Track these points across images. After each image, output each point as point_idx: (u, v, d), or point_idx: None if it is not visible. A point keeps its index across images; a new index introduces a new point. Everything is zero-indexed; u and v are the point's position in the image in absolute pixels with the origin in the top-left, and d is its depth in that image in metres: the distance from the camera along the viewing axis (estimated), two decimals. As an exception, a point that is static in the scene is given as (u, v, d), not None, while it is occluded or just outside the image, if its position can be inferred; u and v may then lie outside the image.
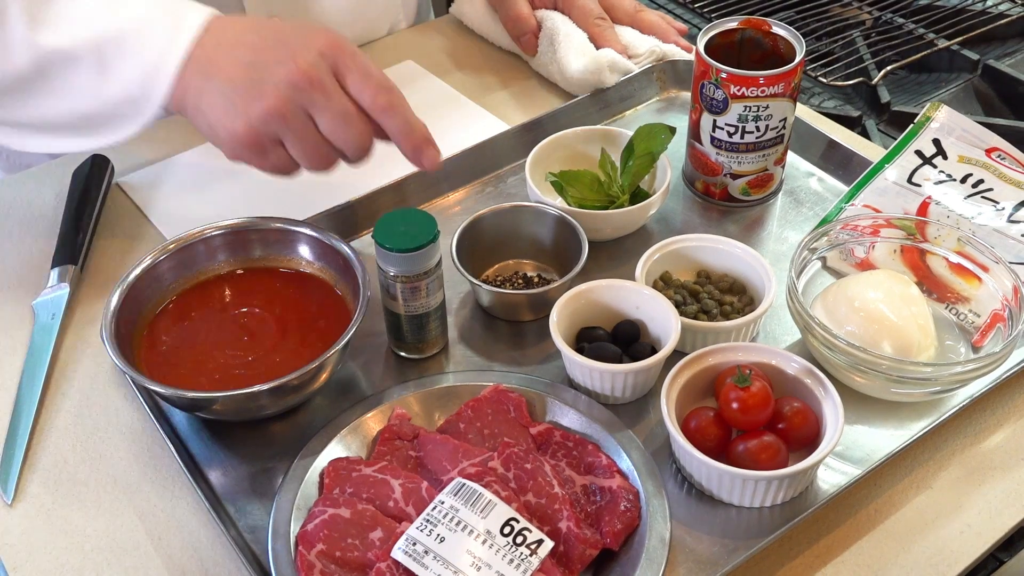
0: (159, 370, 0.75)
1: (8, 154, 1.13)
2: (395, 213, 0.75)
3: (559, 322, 0.77)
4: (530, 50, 1.10)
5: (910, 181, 0.88)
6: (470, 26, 1.18)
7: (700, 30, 0.90)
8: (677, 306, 0.79)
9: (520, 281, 0.85)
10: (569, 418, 0.74)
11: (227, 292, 0.81)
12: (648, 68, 1.07)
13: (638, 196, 0.90)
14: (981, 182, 0.87)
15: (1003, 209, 0.85)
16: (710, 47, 0.89)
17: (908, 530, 0.70)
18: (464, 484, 0.66)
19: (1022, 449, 0.75)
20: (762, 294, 0.80)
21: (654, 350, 0.76)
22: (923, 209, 0.86)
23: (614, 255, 0.89)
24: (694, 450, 0.68)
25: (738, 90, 0.86)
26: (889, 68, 1.18)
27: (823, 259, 0.85)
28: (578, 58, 1.04)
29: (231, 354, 0.77)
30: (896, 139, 0.92)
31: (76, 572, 0.69)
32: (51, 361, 0.82)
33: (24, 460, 0.75)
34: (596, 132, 0.95)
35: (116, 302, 0.76)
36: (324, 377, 0.75)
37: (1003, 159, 0.89)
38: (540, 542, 0.64)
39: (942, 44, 1.22)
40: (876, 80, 1.16)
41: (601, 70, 1.03)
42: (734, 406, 0.70)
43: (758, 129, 0.88)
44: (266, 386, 0.71)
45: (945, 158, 0.89)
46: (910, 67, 1.22)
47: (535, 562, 0.63)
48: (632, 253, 0.84)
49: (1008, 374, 0.77)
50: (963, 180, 0.88)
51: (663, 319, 0.77)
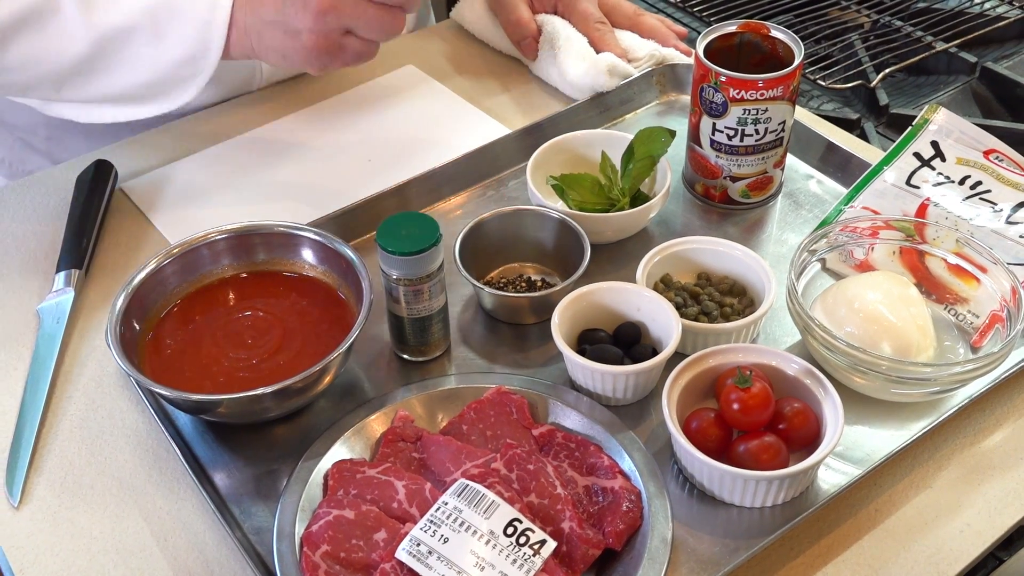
0: (164, 373, 0.76)
1: (11, 160, 1.14)
2: (398, 217, 0.76)
3: (561, 324, 0.77)
4: (530, 54, 1.10)
5: (909, 183, 0.89)
6: (471, 30, 1.18)
7: (699, 34, 0.91)
8: (678, 308, 0.79)
9: (523, 284, 0.86)
10: (571, 419, 0.74)
11: (231, 295, 0.82)
12: (648, 72, 1.07)
13: (638, 199, 0.91)
14: (979, 184, 0.88)
15: (1001, 210, 0.86)
16: (709, 51, 0.90)
17: (908, 529, 0.71)
18: (467, 485, 0.67)
19: (1021, 448, 0.75)
20: (762, 296, 0.81)
21: (655, 352, 0.77)
22: (922, 211, 0.87)
23: (615, 258, 0.89)
24: (695, 451, 0.69)
25: (737, 93, 0.87)
26: (887, 71, 1.18)
27: (822, 261, 0.85)
28: (578, 62, 1.04)
29: (235, 357, 0.77)
30: (895, 141, 0.92)
31: (82, 574, 0.69)
32: (56, 365, 0.82)
33: (30, 463, 0.76)
34: (596, 136, 0.96)
35: (121, 306, 0.76)
36: (328, 380, 0.76)
37: (1001, 161, 0.89)
38: (543, 542, 0.65)
39: (940, 47, 1.23)
40: (874, 83, 1.16)
41: (601, 74, 1.03)
42: (735, 407, 0.70)
43: (757, 132, 0.89)
44: (270, 389, 0.71)
45: (943, 160, 0.90)
46: (908, 70, 1.22)
47: (538, 562, 0.64)
48: (633, 256, 0.85)
49: (1007, 374, 0.77)
50: (961, 182, 0.88)
51: (664, 321, 0.78)
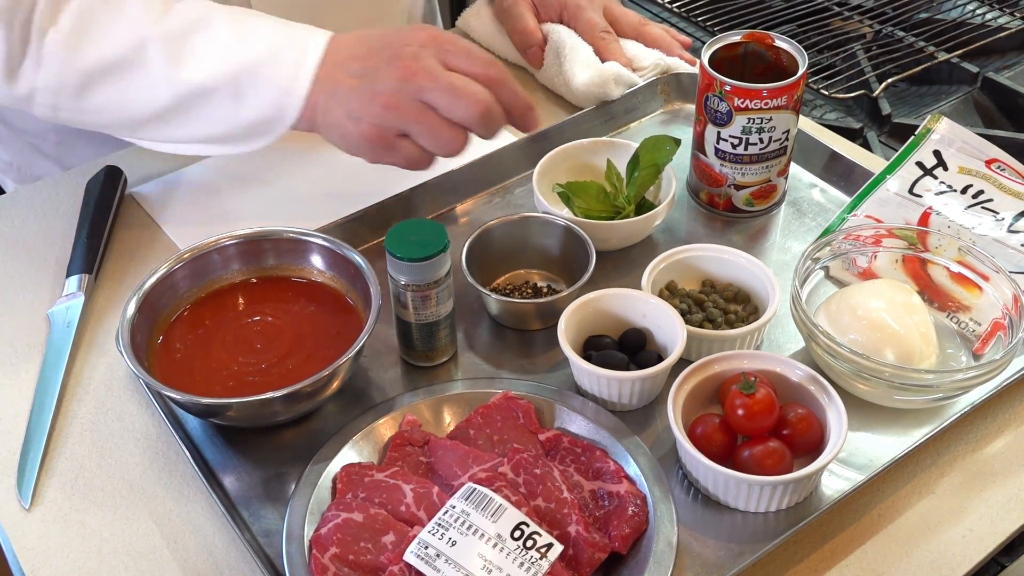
0: (174, 377, 0.76)
1: (20, 165, 1.15)
2: (406, 223, 0.77)
3: (567, 330, 0.78)
4: (536, 63, 1.11)
5: (911, 192, 0.89)
6: (476, 39, 1.19)
7: (704, 44, 0.92)
8: (683, 315, 0.80)
9: (529, 290, 0.86)
10: (577, 424, 0.75)
11: (241, 300, 0.83)
12: (653, 81, 1.08)
13: (644, 207, 0.92)
14: (981, 193, 0.89)
15: (1003, 219, 0.87)
16: (714, 60, 0.91)
17: (911, 534, 0.71)
18: (475, 489, 0.67)
19: (1023, 455, 0.76)
20: (766, 303, 0.81)
21: (660, 358, 0.77)
22: (924, 219, 0.87)
23: (620, 265, 0.90)
24: (700, 456, 0.69)
25: (742, 102, 0.88)
26: (890, 81, 1.19)
27: (826, 269, 0.86)
28: (583, 71, 1.05)
29: (245, 361, 0.78)
30: (897, 151, 0.93)
31: (93, 575, 0.70)
32: (67, 368, 0.83)
33: (41, 465, 0.76)
34: (602, 144, 0.97)
35: (132, 310, 0.77)
36: (336, 385, 0.76)
37: (1003, 170, 0.90)
38: (550, 546, 0.65)
39: (942, 57, 1.23)
40: (877, 92, 1.17)
41: (606, 83, 1.04)
42: (739, 412, 0.71)
43: (761, 141, 0.90)
44: (279, 393, 0.72)
45: (946, 169, 0.91)
46: (911, 80, 1.23)
47: (545, 565, 0.64)
48: (638, 263, 0.86)
49: (1009, 381, 0.78)
50: (963, 191, 0.89)
51: (669, 327, 0.78)
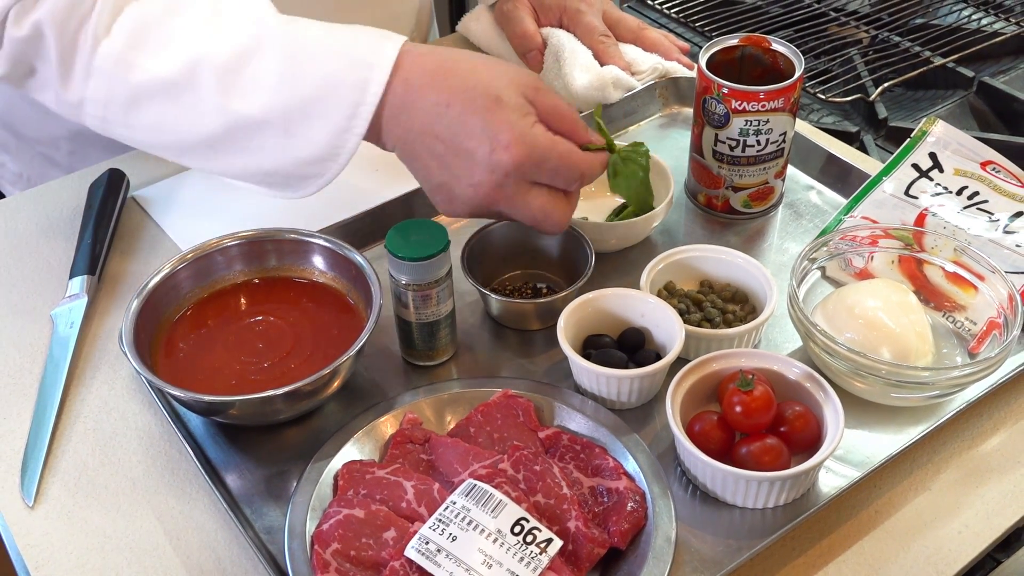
0: (176, 376, 0.77)
1: (29, 175, 1.15)
2: (407, 223, 0.78)
3: (566, 329, 0.79)
4: (536, 67, 1.12)
5: (907, 193, 0.90)
6: (476, 44, 1.20)
7: (701, 48, 0.93)
8: (681, 315, 0.80)
9: (528, 290, 0.87)
10: (576, 422, 0.76)
11: (243, 301, 0.83)
12: (651, 84, 1.09)
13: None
14: (976, 194, 0.89)
15: (998, 220, 0.87)
16: (712, 63, 0.92)
17: (907, 530, 0.72)
18: (475, 485, 0.68)
19: (1018, 452, 0.77)
20: (764, 303, 0.82)
21: (659, 357, 0.78)
22: (920, 220, 0.88)
23: (619, 266, 0.91)
24: (699, 452, 0.70)
25: (739, 105, 0.88)
26: (886, 85, 1.20)
27: (823, 269, 0.87)
28: (583, 74, 1.06)
29: (247, 361, 0.79)
30: (893, 154, 0.94)
31: (97, 572, 0.70)
32: (70, 368, 0.84)
33: (45, 464, 0.77)
34: (601, 146, 0.97)
35: (135, 309, 0.78)
36: (337, 383, 0.77)
37: (998, 172, 0.91)
38: (549, 541, 0.66)
39: (938, 62, 1.24)
40: (874, 96, 1.18)
41: (605, 86, 1.05)
42: (737, 409, 0.71)
43: (759, 143, 0.90)
44: (281, 391, 0.72)
45: (941, 171, 0.91)
46: (907, 84, 1.24)
47: (545, 560, 0.65)
48: (636, 264, 0.86)
49: (1004, 379, 0.79)
50: (959, 192, 0.90)
51: (668, 326, 0.79)
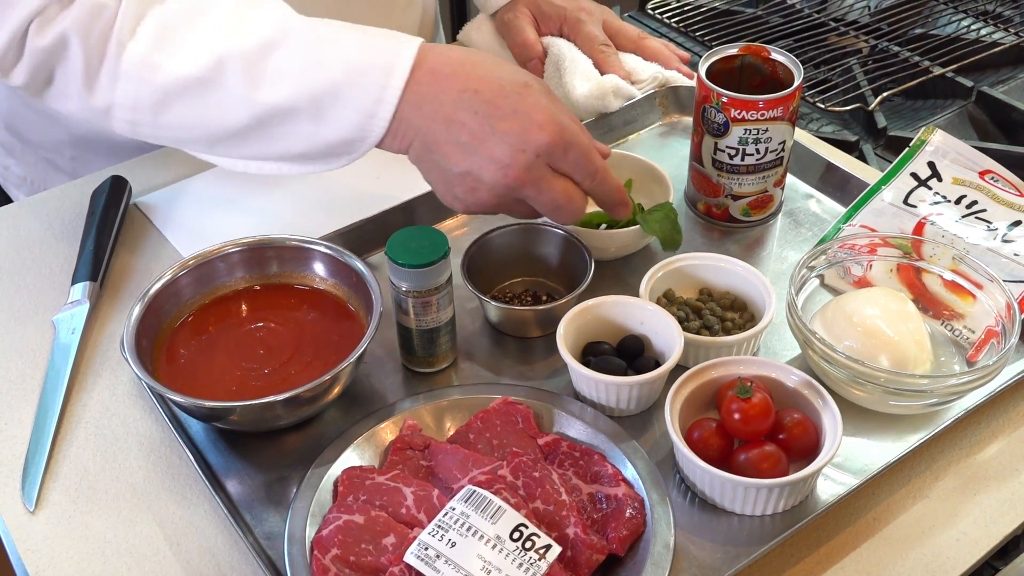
0: (177, 382, 0.77)
1: (33, 179, 1.16)
2: (407, 230, 0.78)
3: (566, 336, 0.79)
4: (536, 76, 1.12)
5: (906, 202, 0.91)
6: (477, 52, 1.21)
7: (701, 57, 0.93)
8: (680, 322, 0.81)
9: (528, 298, 0.88)
10: (576, 429, 0.76)
11: (244, 307, 0.84)
12: (651, 93, 1.09)
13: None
14: (975, 203, 0.90)
15: (996, 229, 0.88)
16: (711, 72, 0.92)
17: (905, 538, 0.72)
18: (475, 491, 0.68)
19: (1016, 460, 0.77)
20: (763, 311, 0.82)
21: (658, 364, 0.78)
22: (919, 229, 0.88)
23: (619, 273, 0.91)
24: (697, 459, 0.70)
25: (738, 114, 0.89)
26: (885, 94, 1.21)
27: (821, 277, 0.87)
28: (583, 83, 1.06)
29: (247, 367, 0.79)
30: (892, 162, 0.94)
31: (97, 577, 0.71)
32: (71, 374, 0.84)
33: (46, 469, 0.77)
34: (601, 155, 0.98)
35: (137, 315, 0.78)
36: (337, 390, 0.77)
37: (996, 181, 0.91)
38: (548, 547, 0.66)
39: (937, 71, 1.25)
40: (873, 106, 1.18)
41: (605, 95, 1.06)
42: (736, 416, 0.72)
43: (758, 151, 0.91)
44: (281, 397, 0.73)
45: (940, 180, 0.92)
46: (906, 93, 1.24)
47: (543, 566, 0.65)
48: (636, 272, 0.87)
49: (1002, 387, 0.79)
50: (957, 201, 0.90)
51: (667, 334, 0.79)
